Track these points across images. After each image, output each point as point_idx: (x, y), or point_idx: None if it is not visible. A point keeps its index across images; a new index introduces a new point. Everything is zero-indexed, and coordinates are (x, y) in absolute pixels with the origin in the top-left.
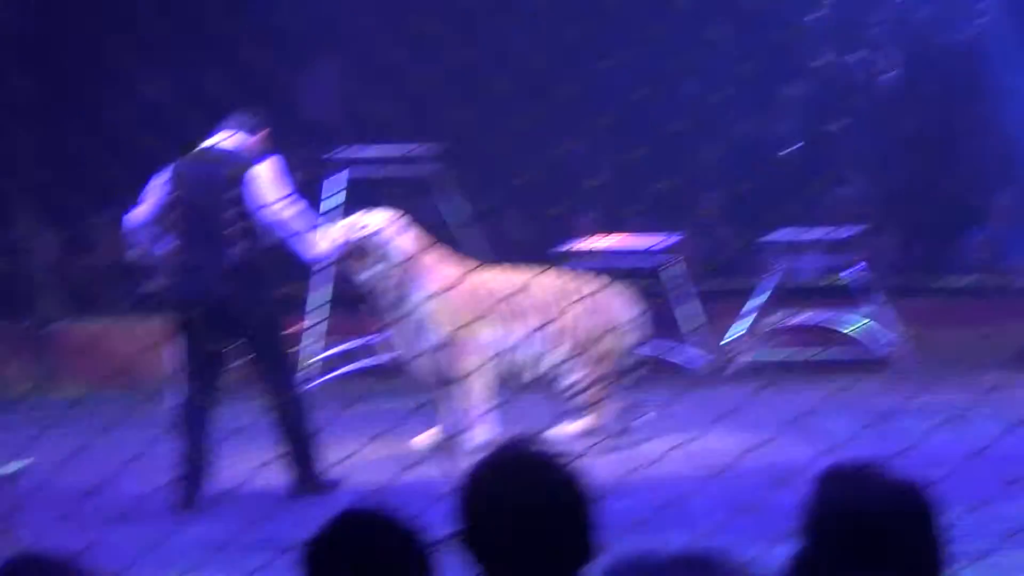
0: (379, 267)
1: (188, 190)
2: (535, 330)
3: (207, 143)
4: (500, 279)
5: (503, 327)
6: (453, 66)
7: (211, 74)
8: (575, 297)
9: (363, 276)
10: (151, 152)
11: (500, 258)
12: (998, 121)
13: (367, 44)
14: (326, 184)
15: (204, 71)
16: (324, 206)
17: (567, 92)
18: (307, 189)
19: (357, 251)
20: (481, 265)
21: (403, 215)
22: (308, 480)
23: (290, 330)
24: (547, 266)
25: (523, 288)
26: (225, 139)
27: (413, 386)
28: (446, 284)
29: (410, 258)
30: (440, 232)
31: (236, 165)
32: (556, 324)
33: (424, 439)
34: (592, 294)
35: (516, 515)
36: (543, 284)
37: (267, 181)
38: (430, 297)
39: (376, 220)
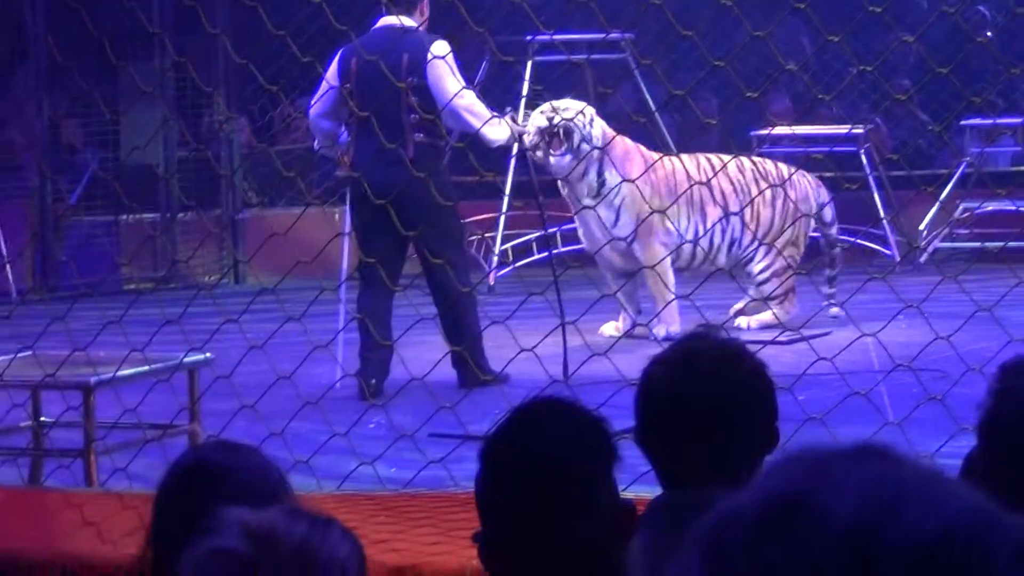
0: (573, 152)
1: (362, 78)
2: (723, 218)
3: (380, 23)
4: (691, 167)
5: (693, 216)
6: None
7: None
8: (764, 184)
9: (556, 161)
10: (339, 37)
11: (694, 143)
12: None
13: None
14: (528, 66)
15: None
16: (524, 89)
17: None
18: (497, 72)
19: (553, 136)
20: (670, 154)
21: (594, 105)
22: (480, 374)
23: (478, 219)
24: (737, 153)
25: (713, 176)
26: (396, 18)
27: (598, 277)
28: (637, 172)
29: (604, 144)
30: (634, 118)
31: (411, 50)
32: (745, 211)
33: (611, 328)
34: (781, 182)
35: (690, 410)
36: (732, 171)
37: (444, 68)
38: (621, 184)
39: (572, 106)
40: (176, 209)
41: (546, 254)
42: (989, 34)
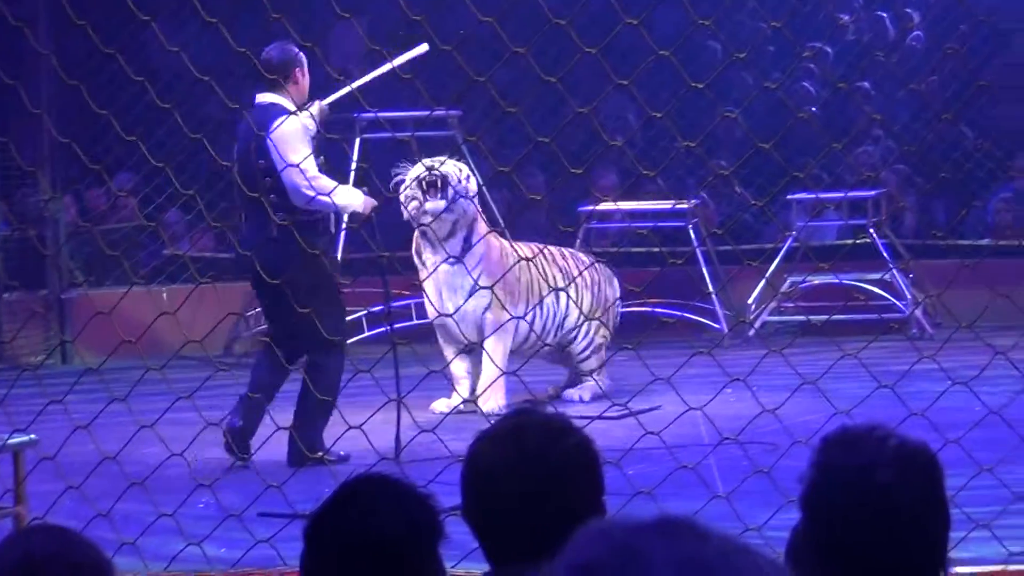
0: (448, 201)
1: (239, 159)
2: (555, 299)
3: (256, 99)
4: (526, 252)
5: (532, 300)
6: (472, 28)
7: (237, 35)
8: (583, 272)
9: (432, 208)
10: (168, 117)
11: (522, 219)
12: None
13: (389, 5)
14: (355, 143)
15: (229, 30)
16: (353, 165)
17: (588, 53)
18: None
19: (430, 184)
20: (509, 240)
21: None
22: (313, 452)
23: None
24: (564, 230)
25: (544, 265)
26: (265, 95)
27: (425, 353)
28: (495, 251)
29: (475, 197)
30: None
31: (259, 131)
32: (572, 294)
33: (442, 405)
34: (591, 270)
35: (515, 486)
36: (559, 259)
37: (283, 145)
38: (481, 257)
39: (449, 162)
40: (1, 289)
41: (383, 329)
42: (813, 109)
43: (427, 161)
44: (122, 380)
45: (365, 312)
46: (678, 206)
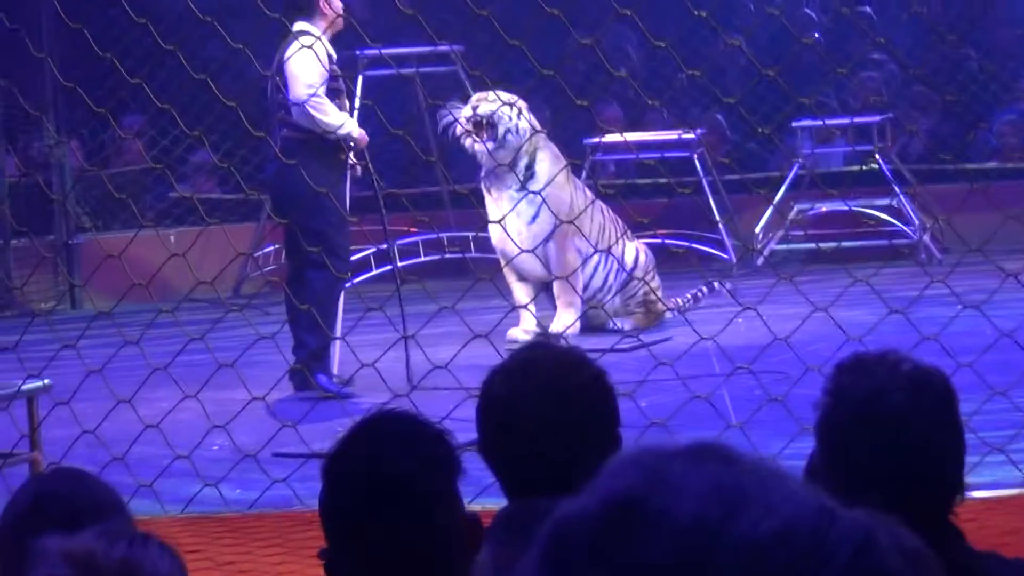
0: (498, 142)
1: (268, 82)
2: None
3: (294, 27)
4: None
5: (599, 243)
6: None
7: None
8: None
9: (481, 150)
10: (172, 59)
11: None
12: None
13: None
14: (358, 80)
15: None
16: (356, 103)
17: None
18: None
19: (478, 126)
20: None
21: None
22: (318, 389)
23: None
24: (571, 163)
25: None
26: (298, 23)
27: (435, 290)
28: (562, 179)
29: (534, 135)
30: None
31: (280, 52)
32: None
33: (520, 332)
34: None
35: (529, 420)
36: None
37: (293, 68)
38: (551, 180)
39: (501, 98)
40: (9, 235)
41: (388, 267)
42: (817, 35)
43: (475, 99)
44: (133, 324)
45: (373, 250)
46: (683, 136)
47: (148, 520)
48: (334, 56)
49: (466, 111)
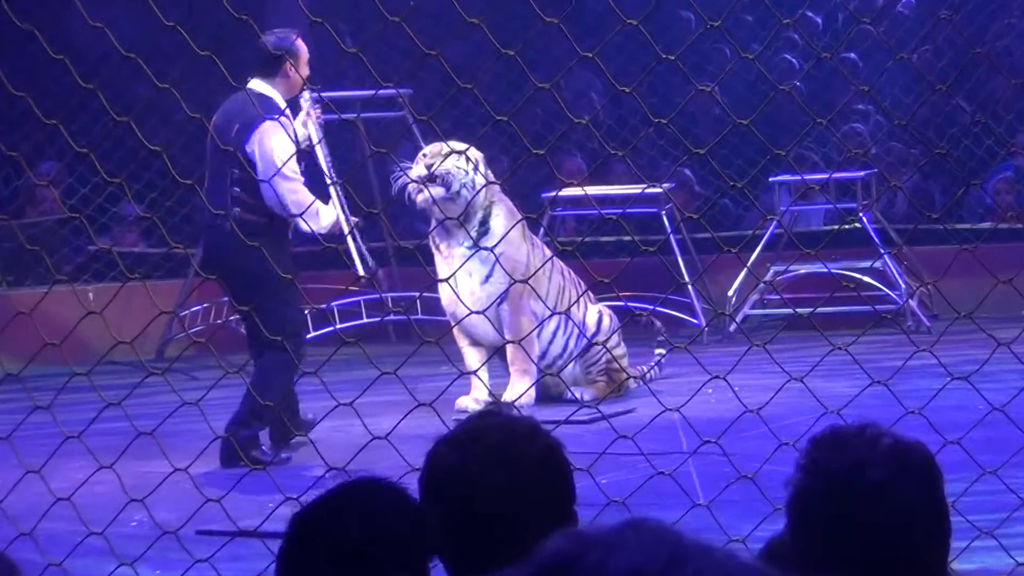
0: (453, 198)
1: (211, 141)
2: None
3: (250, 84)
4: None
5: (558, 304)
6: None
7: (166, 10)
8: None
9: (438, 197)
10: (92, 100)
11: None
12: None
13: None
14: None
15: (157, 5)
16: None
17: (550, 24)
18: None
19: (432, 182)
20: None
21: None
22: (246, 452)
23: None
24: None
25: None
26: (256, 82)
27: (374, 355)
28: (516, 236)
29: (487, 186)
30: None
31: (244, 116)
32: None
33: (471, 401)
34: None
35: (476, 494)
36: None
37: (266, 149)
38: (501, 239)
39: (456, 147)
40: None
41: (329, 329)
42: (797, 83)
43: (427, 155)
44: (45, 387)
45: (310, 310)
46: (649, 190)
47: None
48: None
49: (419, 169)
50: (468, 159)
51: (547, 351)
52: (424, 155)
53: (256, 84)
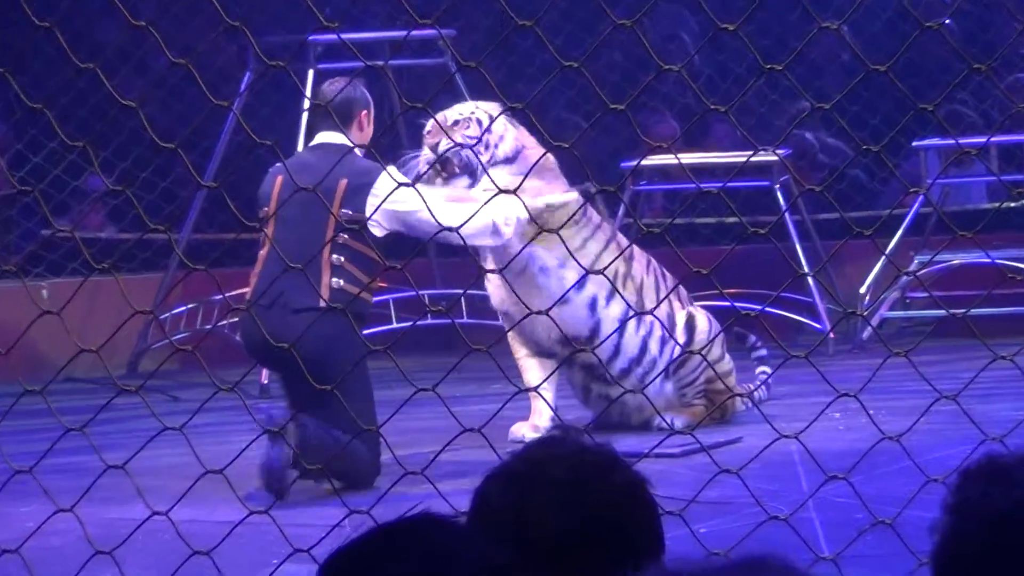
0: (471, 175)
1: (287, 203)
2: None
3: (315, 139)
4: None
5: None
6: None
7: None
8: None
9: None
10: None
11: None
12: None
13: None
14: (308, 76)
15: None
16: (305, 105)
17: None
18: (268, 86)
19: (444, 164)
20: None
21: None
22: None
23: None
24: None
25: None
26: (330, 134)
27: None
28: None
29: (515, 156)
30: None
31: (352, 175)
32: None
33: (528, 429)
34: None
35: (535, 542)
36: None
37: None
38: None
39: (463, 113)
40: None
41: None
42: (947, 21)
43: (429, 136)
44: None
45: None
46: (759, 158)
47: None
48: None
49: (426, 153)
50: (478, 122)
51: (618, 351)
52: (427, 132)
53: (330, 136)
